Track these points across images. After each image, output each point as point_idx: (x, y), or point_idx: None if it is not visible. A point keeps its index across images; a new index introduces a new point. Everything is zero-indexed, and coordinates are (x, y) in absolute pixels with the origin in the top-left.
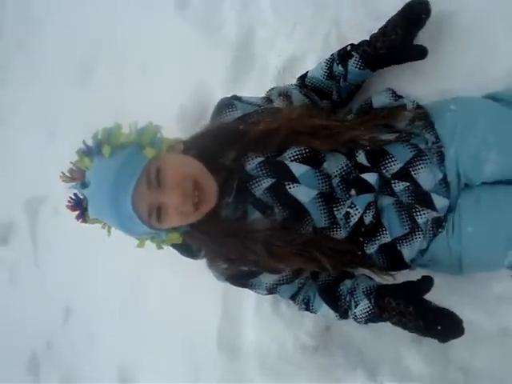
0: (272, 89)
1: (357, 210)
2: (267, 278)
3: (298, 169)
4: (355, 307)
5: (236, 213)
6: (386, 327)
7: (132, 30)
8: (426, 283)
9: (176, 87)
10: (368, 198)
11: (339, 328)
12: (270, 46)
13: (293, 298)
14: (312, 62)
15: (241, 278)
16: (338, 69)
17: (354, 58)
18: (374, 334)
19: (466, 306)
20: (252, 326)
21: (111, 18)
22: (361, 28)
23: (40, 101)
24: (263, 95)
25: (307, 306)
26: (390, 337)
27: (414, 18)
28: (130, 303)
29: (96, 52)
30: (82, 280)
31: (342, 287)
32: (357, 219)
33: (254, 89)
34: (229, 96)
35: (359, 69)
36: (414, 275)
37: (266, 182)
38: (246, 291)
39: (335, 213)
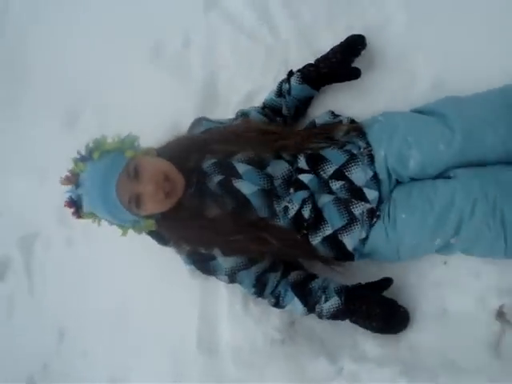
0: (239, 111)
1: (293, 204)
2: (225, 263)
3: (242, 168)
4: (325, 302)
5: (196, 202)
6: None
7: (112, 79)
8: (386, 282)
9: (152, 125)
10: (303, 194)
11: (302, 322)
12: (231, 85)
13: (259, 291)
14: (264, 97)
15: (202, 261)
16: (285, 86)
17: (295, 75)
18: (333, 324)
19: (408, 293)
20: (226, 326)
21: (94, 68)
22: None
23: (30, 146)
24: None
25: (277, 300)
26: (346, 326)
27: (352, 47)
28: (116, 321)
29: (81, 98)
30: (73, 304)
31: (313, 284)
32: (294, 212)
33: None
34: (199, 117)
35: (298, 83)
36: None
37: (217, 178)
38: (221, 294)
39: (275, 206)
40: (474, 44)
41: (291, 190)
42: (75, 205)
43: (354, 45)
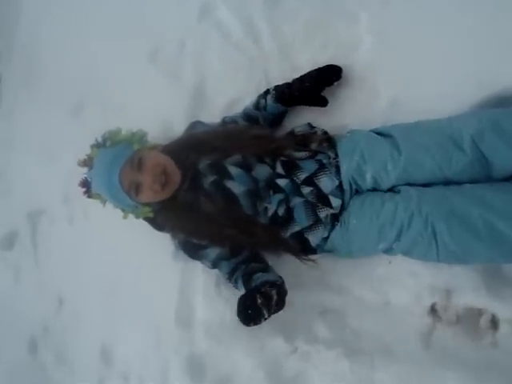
0: (225, 117)
1: (271, 205)
2: (212, 252)
3: (234, 170)
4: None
5: (189, 197)
6: (301, 304)
7: (114, 77)
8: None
9: (146, 121)
10: (279, 197)
11: None
12: (218, 90)
13: (229, 276)
14: (245, 104)
15: (193, 249)
16: (262, 102)
17: (270, 94)
18: (293, 309)
19: (356, 285)
20: (201, 303)
21: (99, 65)
22: (283, 76)
23: (40, 129)
24: (219, 121)
25: (236, 284)
26: (303, 310)
27: (326, 76)
28: (109, 291)
29: (86, 92)
30: (71, 275)
31: (257, 275)
32: (272, 212)
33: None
34: (195, 121)
35: (273, 102)
36: None
37: (211, 178)
38: (198, 278)
39: (257, 206)
40: (431, 71)
41: (271, 193)
42: (87, 185)
43: (330, 75)
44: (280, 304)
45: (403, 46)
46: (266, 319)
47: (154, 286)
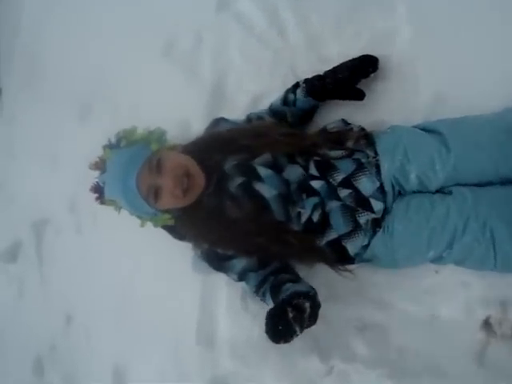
0: (250, 114)
1: (305, 210)
2: (238, 263)
3: (263, 171)
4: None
5: (214, 202)
6: (336, 319)
7: (125, 74)
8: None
9: (161, 122)
10: (314, 200)
11: None
12: (239, 86)
13: (257, 290)
14: (271, 101)
15: (217, 260)
16: (291, 96)
17: (300, 88)
18: (327, 324)
19: (400, 298)
20: (225, 320)
21: (106, 63)
22: (312, 69)
23: (44, 134)
24: (243, 119)
25: (264, 298)
26: (339, 326)
27: (362, 67)
28: (121, 307)
29: (94, 92)
30: (80, 289)
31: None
32: (306, 218)
33: None
34: (218, 117)
35: (303, 96)
36: None
37: (238, 180)
38: (221, 291)
39: (290, 211)
40: (478, 59)
41: (304, 196)
42: (99, 190)
43: (366, 65)
44: (313, 318)
45: (444, 36)
46: (297, 335)
47: (172, 301)
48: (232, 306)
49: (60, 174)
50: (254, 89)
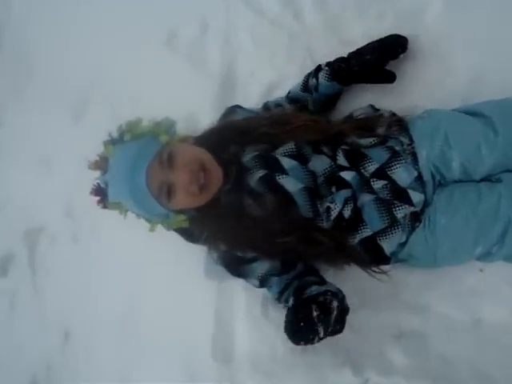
0: (266, 102)
1: (336, 205)
2: (260, 267)
3: (287, 162)
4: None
5: (233, 200)
6: (368, 326)
7: (124, 68)
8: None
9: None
10: (345, 193)
11: None
12: (251, 74)
13: (279, 296)
14: (289, 88)
15: (236, 264)
16: (312, 81)
17: (323, 71)
18: (358, 332)
19: (440, 301)
20: (244, 332)
21: (103, 55)
22: (333, 54)
23: (36, 138)
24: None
25: (286, 304)
26: (372, 334)
27: (391, 47)
28: (125, 322)
29: (89, 88)
30: (78, 303)
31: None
32: (336, 213)
33: None
34: (233, 105)
35: (327, 81)
36: None
37: (259, 173)
38: (239, 298)
39: (318, 206)
40: None
41: (333, 189)
42: (102, 193)
43: (395, 46)
44: (339, 324)
45: (480, 7)
46: (320, 339)
47: (182, 312)
48: (251, 315)
49: (54, 178)
50: (268, 76)
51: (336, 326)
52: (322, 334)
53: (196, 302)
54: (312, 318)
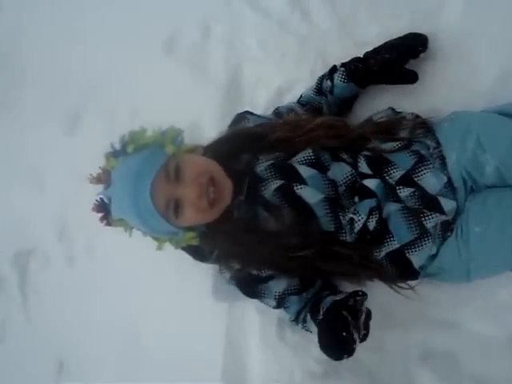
0: (277, 108)
1: (360, 216)
2: (277, 286)
3: (305, 171)
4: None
5: (246, 213)
6: (392, 347)
7: (120, 76)
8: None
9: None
10: (370, 203)
11: None
12: (258, 79)
13: (297, 316)
14: (300, 93)
15: (251, 283)
16: (327, 83)
17: (338, 73)
18: (383, 354)
19: (472, 317)
20: (258, 357)
21: (99, 63)
22: (347, 55)
23: (26, 153)
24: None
25: (304, 324)
26: (398, 357)
27: (411, 46)
28: (125, 352)
29: (83, 99)
30: (74, 330)
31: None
32: (361, 225)
33: None
34: (242, 111)
35: (343, 82)
36: None
37: (275, 184)
38: (252, 319)
39: (340, 218)
40: None
41: (356, 199)
42: (105, 209)
43: (414, 44)
44: (366, 329)
45: (503, 6)
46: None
47: (189, 337)
48: (266, 339)
49: (46, 195)
50: (276, 82)
51: (364, 331)
52: (358, 342)
53: (204, 326)
54: (348, 325)
